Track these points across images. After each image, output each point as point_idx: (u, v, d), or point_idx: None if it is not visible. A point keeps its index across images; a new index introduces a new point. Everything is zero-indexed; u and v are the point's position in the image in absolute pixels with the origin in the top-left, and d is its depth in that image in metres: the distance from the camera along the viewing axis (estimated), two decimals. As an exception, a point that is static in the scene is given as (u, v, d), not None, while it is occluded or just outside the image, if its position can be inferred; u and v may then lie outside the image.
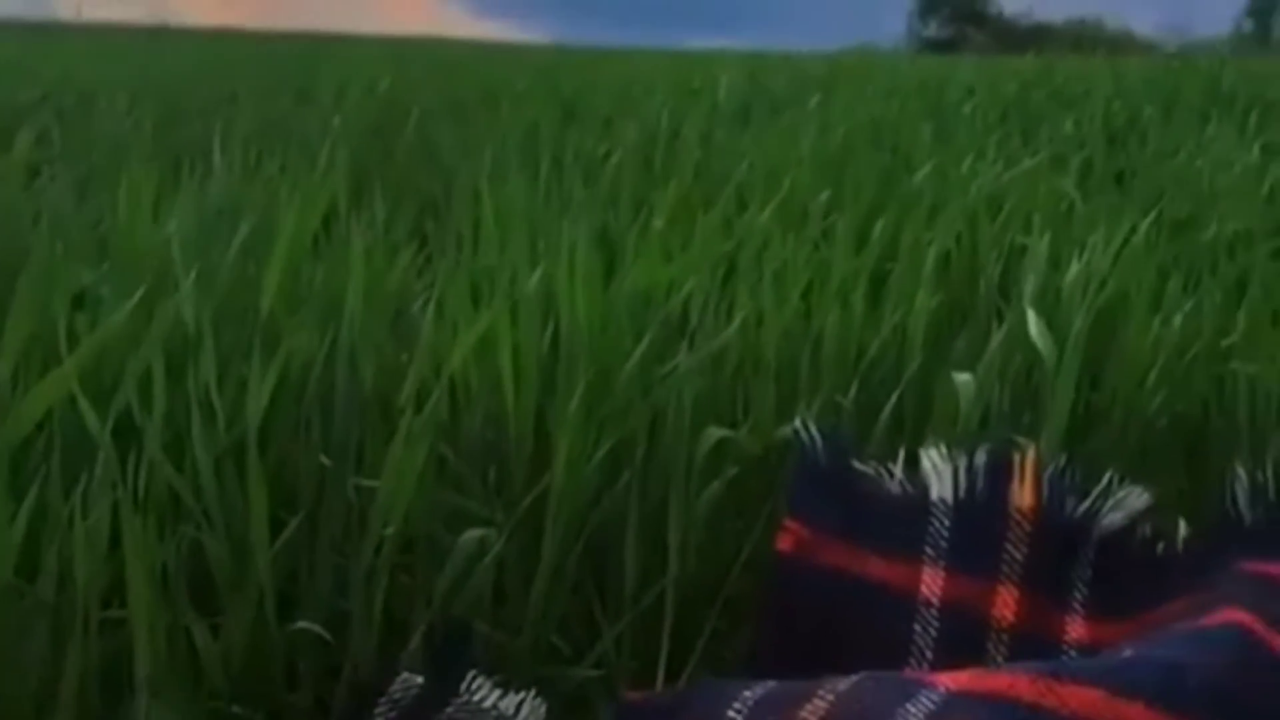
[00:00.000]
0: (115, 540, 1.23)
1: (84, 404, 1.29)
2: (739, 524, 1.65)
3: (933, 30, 40.64)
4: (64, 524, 1.22)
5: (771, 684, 1.26)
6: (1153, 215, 2.28)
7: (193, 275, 1.57)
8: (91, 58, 9.31)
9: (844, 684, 1.20)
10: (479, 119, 4.71)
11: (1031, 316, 1.73)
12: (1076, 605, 1.47)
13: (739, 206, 2.53)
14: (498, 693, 1.31)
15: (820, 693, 1.20)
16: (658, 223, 2.04)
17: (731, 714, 1.23)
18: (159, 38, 17.74)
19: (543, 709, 1.32)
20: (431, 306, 1.65)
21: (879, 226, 2.32)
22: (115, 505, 1.22)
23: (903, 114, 4.88)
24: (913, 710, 1.15)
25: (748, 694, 1.24)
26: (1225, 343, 1.83)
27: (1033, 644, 1.42)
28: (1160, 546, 1.51)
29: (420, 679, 1.30)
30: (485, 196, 2.06)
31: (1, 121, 4.06)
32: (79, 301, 1.65)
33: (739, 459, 1.64)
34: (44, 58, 8.73)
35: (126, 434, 1.35)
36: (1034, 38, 29.26)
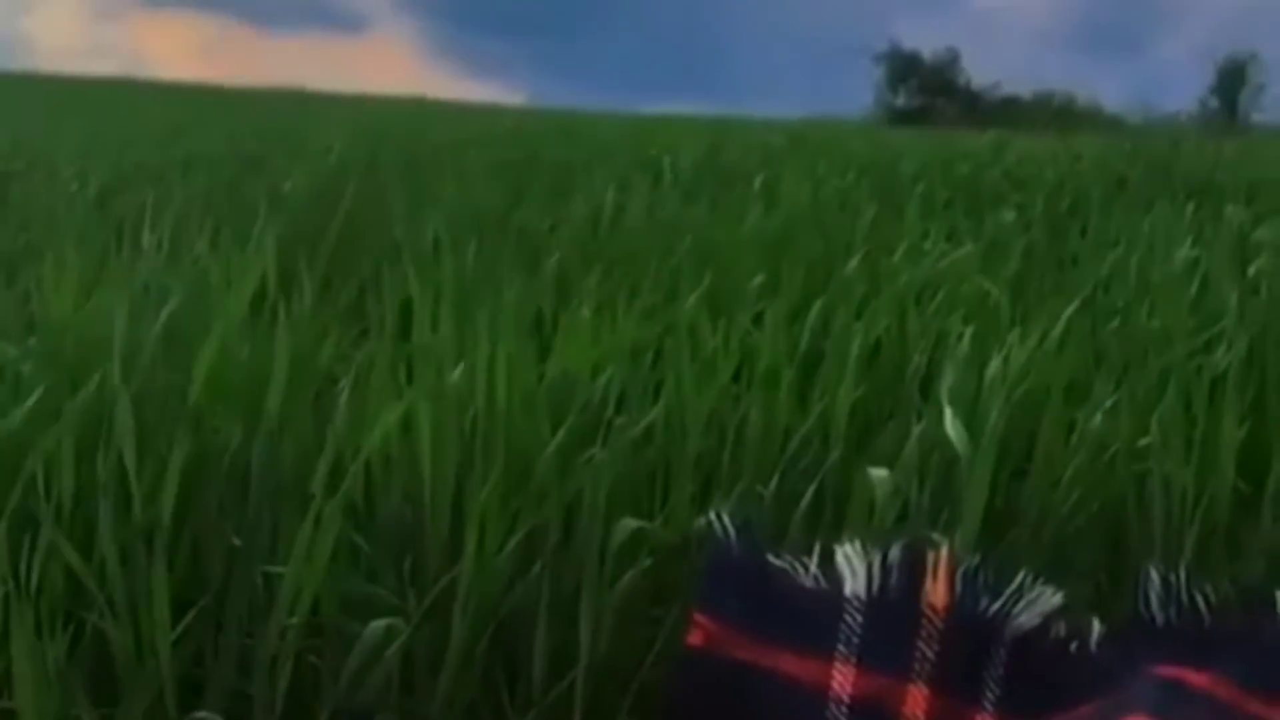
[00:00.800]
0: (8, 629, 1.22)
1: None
2: (654, 614, 1.64)
3: (902, 100, 40.74)
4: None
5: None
6: (1073, 308, 2.29)
7: (116, 354, 1.56)
8: (52, 117, 9.30)
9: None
10: (429, 189, 4.70)
11: (948, 413, 1.74)
12: (987, 704, 1.47)
13: (672, 290, 2.54)
14: (399, 784, 1.30)
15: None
16: (585, 312, 2.04)
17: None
18: (128, 93, 17.75)
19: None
20: (349, 390, 1.64)
21: (813, 312, 2.32)
22: (5, 598, 1.21)
23: (849, 195, 4.90)
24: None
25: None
26: (1142, 442, 1.84)
27: (942, 743, 1.41)
28: (1073, 647, 1.51)
29: (321, 770, 1.29)
30: (416, 277, 2.06)
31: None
32: (-1, 376, 1.65)
33: (655, 548, 1.63)
34: (2, 119, 8.71)
35: (33, 514, 1.34)
36: (1003, 110, 29.51)
